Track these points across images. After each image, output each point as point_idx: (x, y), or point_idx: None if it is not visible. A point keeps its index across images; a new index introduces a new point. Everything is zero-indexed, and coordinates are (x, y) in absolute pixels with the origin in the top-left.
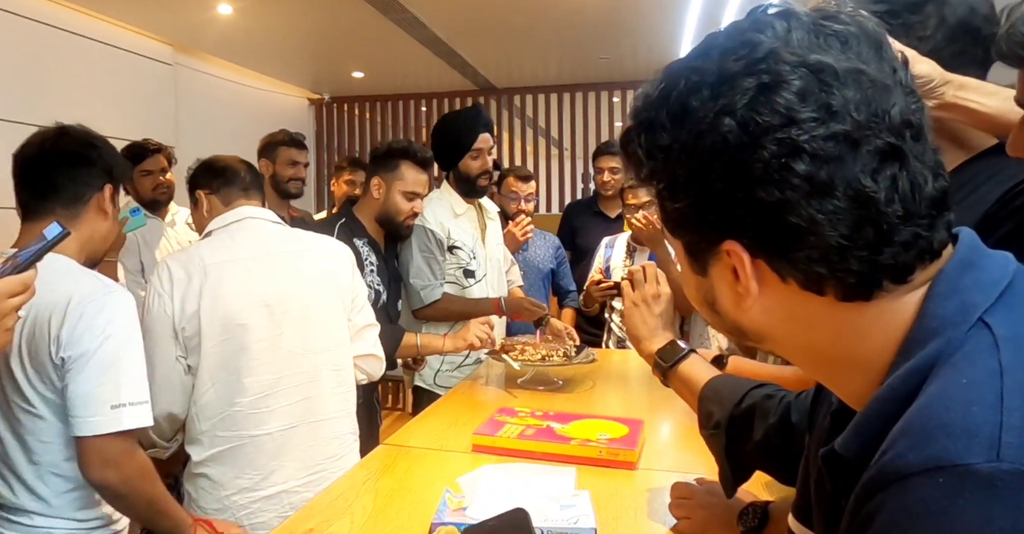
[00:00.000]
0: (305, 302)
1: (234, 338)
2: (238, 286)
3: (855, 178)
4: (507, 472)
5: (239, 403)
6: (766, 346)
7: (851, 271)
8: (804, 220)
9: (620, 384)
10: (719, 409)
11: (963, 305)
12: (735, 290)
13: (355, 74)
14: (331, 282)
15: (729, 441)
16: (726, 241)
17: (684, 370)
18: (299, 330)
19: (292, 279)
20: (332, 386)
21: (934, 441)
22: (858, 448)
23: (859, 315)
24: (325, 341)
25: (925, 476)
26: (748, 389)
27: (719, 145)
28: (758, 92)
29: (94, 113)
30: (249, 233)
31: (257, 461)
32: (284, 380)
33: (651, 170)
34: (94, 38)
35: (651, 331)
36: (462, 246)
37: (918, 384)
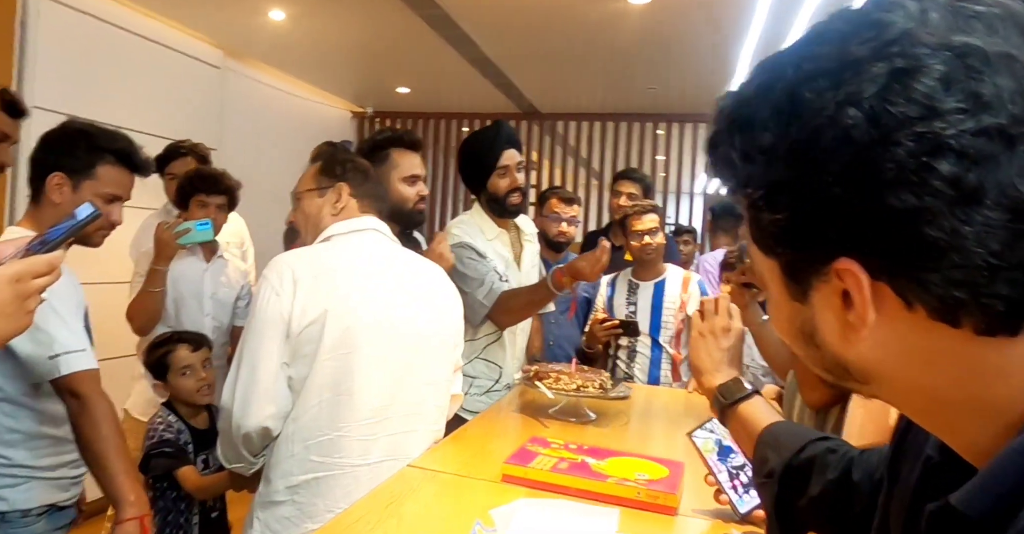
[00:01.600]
0: (424, 329)
1: (353, 353)
2: (365, 299)
3: (1010, 183)
4: (545, 508)
5: (345, 427)
6: (871, 389)
7: (1000, 297)
8: (946, 233)
9: (656, 422)
10: (775, 457)
11: None
12: (844, 319)
13: (400, 89)
14: (447, 312)
15: (781, 492)
16: (839, 259)
17: (745, 410)
18: (415, 357)
19: (414, 302)
20: (430, 423)
21: None
22: (987, 506)
23: (998, 352)
24: (435, 373)
25: None
26: (810, 439)
27: (840, 142)
28: (891, 78)
29: (140, 111)
30: (373, 246)
31: (354, 495)
32: (393, 408)
33: (747, 176)
34: (145, 36)
35: (715, 365)
36: (495, 267)
37: None
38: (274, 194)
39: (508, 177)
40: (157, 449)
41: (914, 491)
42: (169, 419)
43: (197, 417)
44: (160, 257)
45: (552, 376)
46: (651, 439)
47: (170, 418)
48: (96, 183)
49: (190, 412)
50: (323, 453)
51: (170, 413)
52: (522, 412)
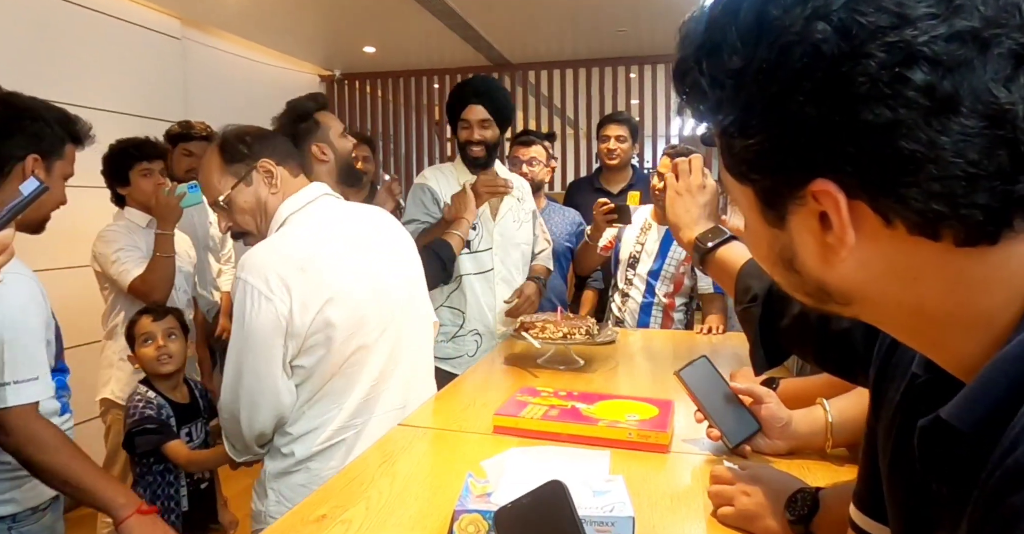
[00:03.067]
0: (407, 286)
1: (364, 327)
2: (354, 279)
3: (985, 89)
4: (535, 455)
5: (356, 395)
6: (853, 310)
7: (978, 206)
8: (923, 145)
9: (644, 364)
10: (758, 283)
11: None
12: (823, 242)
13: (366, 49)
14: (418, 262)
15: (764, 314)
16: (815, 181)
17: (724, 252)
18: (405, 316)
19: (394, 264)
20: (424, 367)
21: None
22: (977, 417)
23: (980, 262)
24: (422, 324)
25: None
26: None
27: (811, 58)
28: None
29: (100, 87)
30: (331, 215)
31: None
32: (397, 358)
33: (717, 102)
34: (100, 10)
35: (693, 219)
36: None
37: None
38: None
39: (468, 130)
40: (140, 426)
41: (898, 408)
42: (148, 395)
43: (176, 391)
44: (167, 222)
45: (538, 326)
46: (640, 381)
47: (149, 394)
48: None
49: (169, 387)
50: (336, 425)
51: (148, 389)
52: (511, 364)
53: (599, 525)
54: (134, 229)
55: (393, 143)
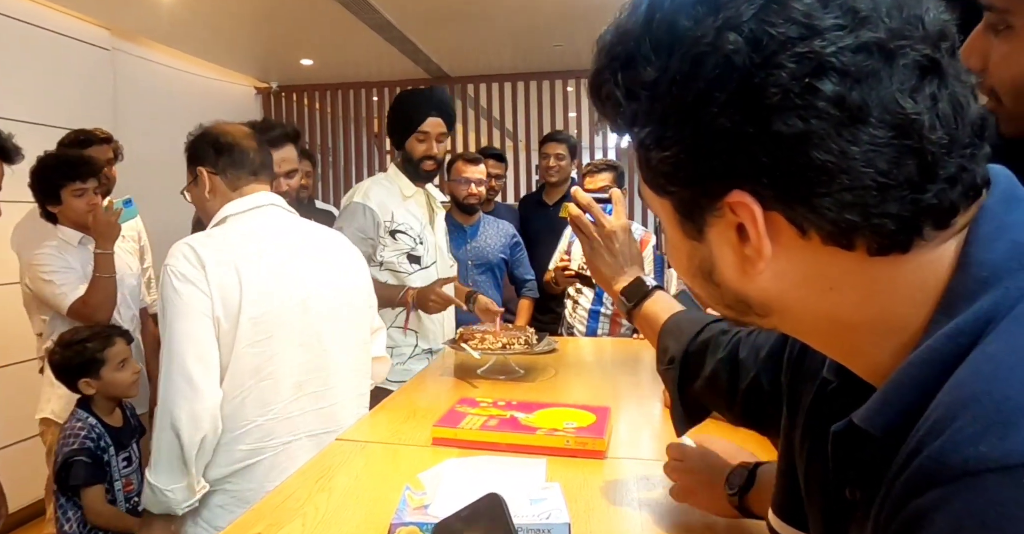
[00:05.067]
0: (333, 299)
1: (271, 338)
2: (275, 281)
3: (892, 99)
4: (472, 466)
5: (271, 411)
6: (772, 321)
7: (889, 215)
8: (834, 155)
9: (583, 372)
10: (675, 344)
11: (1015, 246)
12: (741, 254)
13: (304, 61)
14: (354, 276)
15: (681, 377)
16: (731, 193)
17: (648, 308)
18: (328, 327)
19: (323, 274)
20: (352, 389)
21: (1015, 429)
22: (887, 421)
23: (893, 270)
24: (350, 339)
25: (1005, 475)
26: (707, 322)
27: (722, 70)
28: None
29: (25, 99)
30: (271, 222)
31: (283, 475)
32: (315, 382)
33: (633, 114)
34: (24, 20)
35: (614, 271)
36: (407, 230)
37: (969, 344)
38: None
39: (426, 143)
40: (76, 456)
41: (810, 413)
42: (90, 422)
43: (112, 415)
44: (107, 241)
45: (477, 337)
46: (578, 388)
47: (90, 420)
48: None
49: (107, 409)
50: (252, 440)
51: (88, 415)
52: (451, 375)
53: (536, 532)
54: (66, 248)
55: (332, 156)
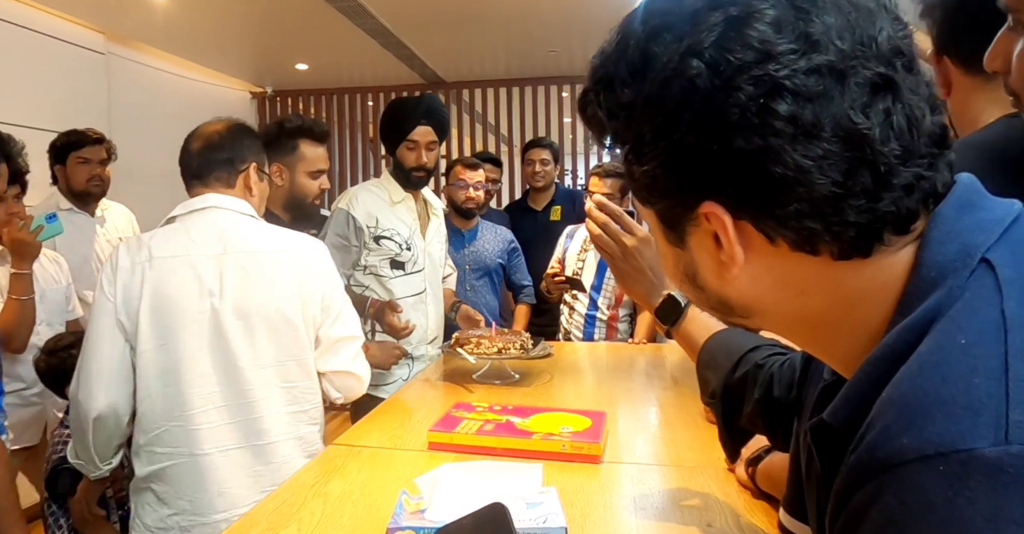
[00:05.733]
0: (255, 309)
1: (174, 344)
2: (184, 286)
3: (844, 115)
4: (468, 470)
5: (179, 418)
6: (754, 321)
7: (848, 223)
8: (791, 169)
9: (579, 376)
10: (714, 378)
11: (964, 248)
12: (718, 259)
13: (299, 66)
14: (293, 288)
15: (725, 411)
16: (704, 203)
17: (684, 330)
18: (245, 341)
19: (244, 282)
20: (282, 405)
21: (931, 421)
22: (846, 416)
23: (857, 274)
24: (274, 355)
25: (923, 464)
26: (743, 354)
27: (687, 92)
28: (727, 27)
29: (19, 103)
30: (208, 225)
31: (200, 483)
32: (228, 395)
33: (614, 132)
34: (19, 24)
35: (647, 289)
36: (393, 236)
37: (914, 341)
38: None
39: (415, 152)
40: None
41: (813, 411)
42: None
43: None
44: (22, 259)
45: (473, 341)
46: (574, 393)
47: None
48: None
49: None
50: (164, 444)
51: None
52: (447, 381)
53: None
54: None
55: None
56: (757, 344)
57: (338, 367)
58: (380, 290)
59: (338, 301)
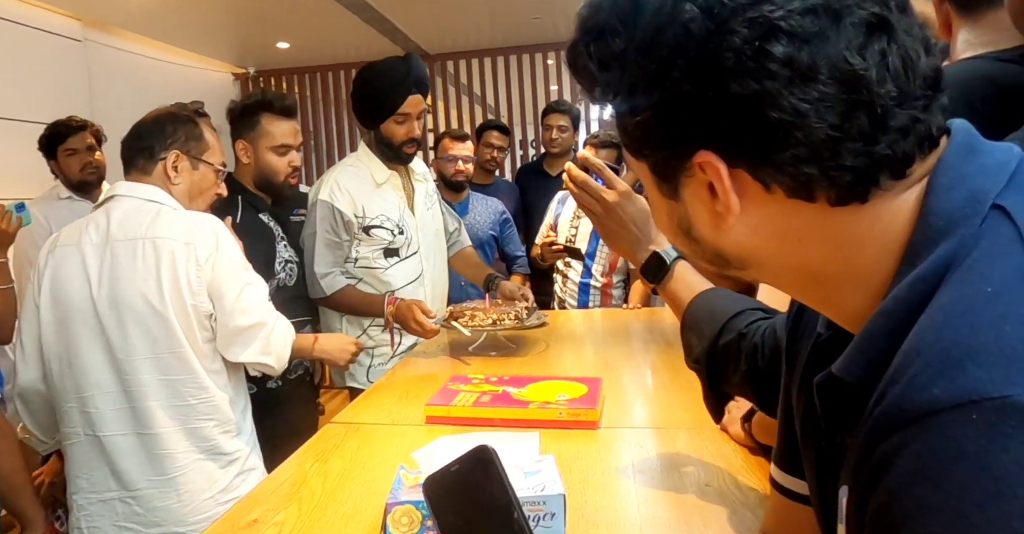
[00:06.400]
0: (124, 300)
1: (66, 331)
2: (73, 275)
3: (840, 57)
4: (465, 442)
5: (74, 400)
6: (751, 274)
7: (845, 167)
8: (788, 113)
9: (574, 344)
10: (698, 343)
11: (972, 195)
12: (713, 210)
13: (280, 45)
14: (167, 278)
15: (710, 376)
16: (698, 153)
17: (670, 289)
18: (119, 332)
19: (118, 272)
20: (161, 398)
21: (963, 370)
22: (861, 370)
23: (855, 221)
24: (148, 348)
25: (956, 412)
26: (726, 321)
27: (681, 38)
28: None
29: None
30: (103, 215)
31: (95, 462)
32: (114, 383)
33: (606, 83)
34: None
35: (631, 244)
36: (383, 223)
37: (929, 291)
38: None
39: (407, 125)
40: None
41: (806, 366)
42: None
43: None
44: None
45: (467, 314)
46: (570, 361)
47: None
48: None
49: None
50: (65, 424)
51: None
52: (442, 354)
53: (531, 504)
54: None
55: (313, 140)
56: (740, 308)
57: (247, 359)
58: (375, 282)
59: (232, 289)
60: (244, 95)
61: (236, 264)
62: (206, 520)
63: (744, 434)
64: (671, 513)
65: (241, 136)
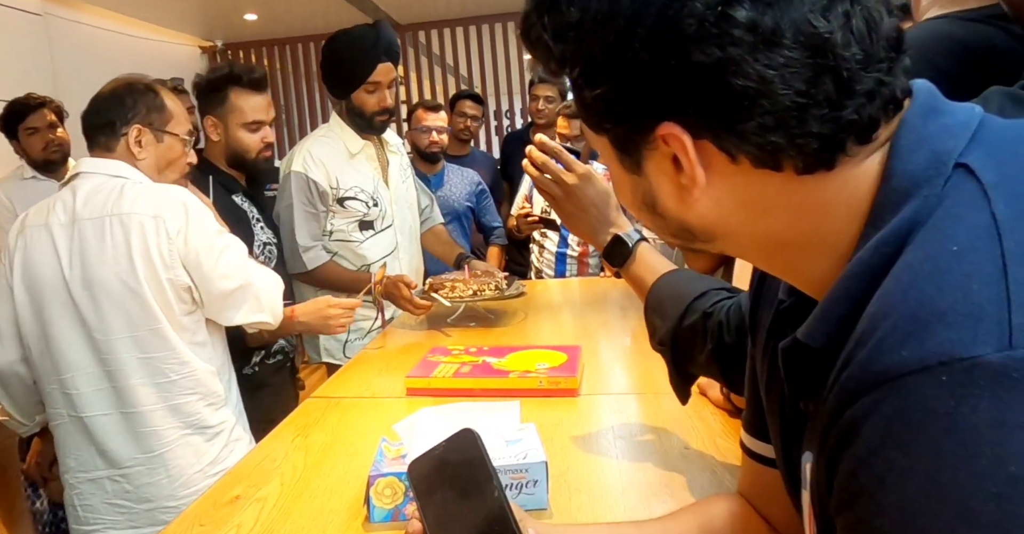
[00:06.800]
0: (98, 278)
1: (41, 312)
2: (44, 255)
3: (804, 19)
4: (446, 413)
5: (56, 381)
6: (717, 245)
7: (812, 134)
8: (753, 80)
9: (552, 313)
10: (662, 325)
11: (934, 155)
12: (678, 183)
13: (247, 16)
14: (139, 254)
15: (675, 357)
16: (661, 125)
17: (633, 271)
18: (94, 312)
19: (88, 251)
20: (142, 376)
21: (931, 332)
22: (825, 334)
23: (821, 188)
24: (125, 326)
25: (925, 374)
26: (689, 302)
27: (640, 5)
28: None
29: None
30: (70, 193)
31: (80, 442)
32: (94, 363)
33: (561, 55)
34: None
35: (592, 228)
36: (357, 195)
37: (893, 254)
38: None
39: (378, 94)
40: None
41: (769, 333)
42: None
43: None
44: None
45: (448, 285)
46: (548, 330)
47: None
48: None
49: None
50: (49, 405)
51: None
52: (422, 327)
53: (514, 472)
54: None
55: (285, 113)
56: (704, 289)
57: (242, 321)
58: (351, 256)
59: (210, 257)
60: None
61: (210, 231)
62: (196, 493)
63: (723, 398)
64: (652, 477)
65: (210, 112)
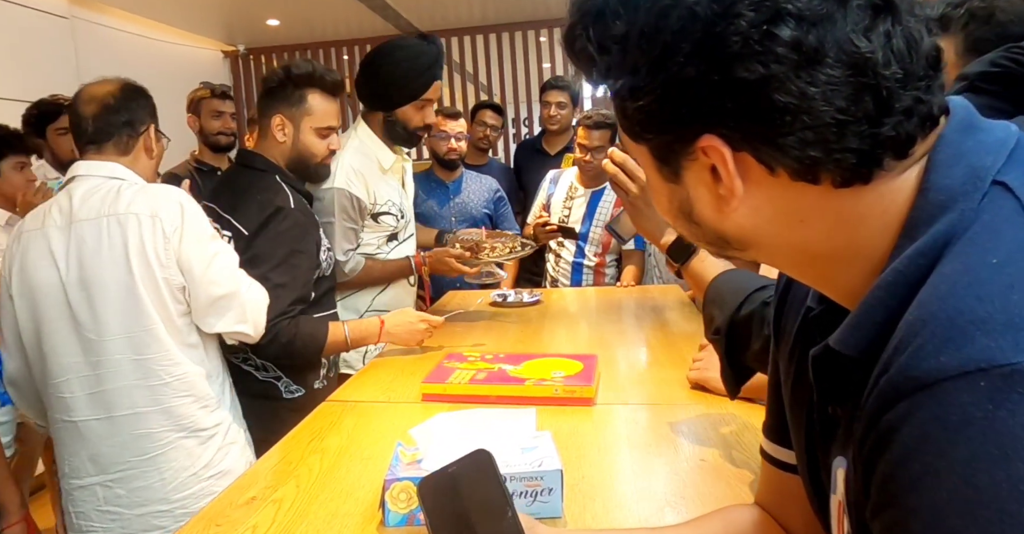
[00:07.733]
0: (94, 280)
1: (37, 317)
2: (39, 259)
3: (847, 39)
4: (462, 419)
5: (50, 385)
6: (750, 254)
7: (850, 150)
8: (795, 96)
9: (568, 321)
10: (720, 314)
11: (972, 170)
12: (716, 193)
13: (270, 22)
14: (136, 255)
15: (729, 347)
16: (702, 137)
17: (693, 267)
18: (89, 313)
19: (85, 252)
20: (135, 378)
21: (970, 339)
22: (859, 343)
23: (857, 201)
24: (121, 327)
25: (963, 380)
26: (749, 293)
27: (686, 21)
28: None
29: None
30: (66, 197)
31: (73, 447)
32: (87, 366)
33: (606, 67)
34: None
35: (660, 225)
36: (390, 209)
37: (929, 265)
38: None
39: (425, 111)
40: None
41: (795, 339)
42: None
43: None
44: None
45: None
46: (565, 338)
47: None
48: None
49: None
50: (48, 408)
51: None
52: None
53: (529, 480)
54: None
55: None
56: (764, 284)
57: (222, 329)
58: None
59: (201, 260)
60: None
61: (203, 234)
62: (190, 496)
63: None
64: (666, 487)
65: (280, 110)
